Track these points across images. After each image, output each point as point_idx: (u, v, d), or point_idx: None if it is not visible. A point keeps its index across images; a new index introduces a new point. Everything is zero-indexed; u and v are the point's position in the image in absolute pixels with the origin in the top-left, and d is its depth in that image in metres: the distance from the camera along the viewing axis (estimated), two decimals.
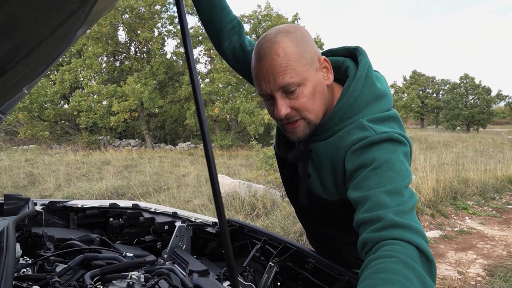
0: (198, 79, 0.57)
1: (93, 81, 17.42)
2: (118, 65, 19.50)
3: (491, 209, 6.24)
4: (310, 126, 1.02)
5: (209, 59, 19.69)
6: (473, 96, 31.50)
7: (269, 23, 18.01)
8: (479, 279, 3.70)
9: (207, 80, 17.86)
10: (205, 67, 20.07)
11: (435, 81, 38.19)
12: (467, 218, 5.75)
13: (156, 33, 17.92)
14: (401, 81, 43.10)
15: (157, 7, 17.51)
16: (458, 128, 31.01)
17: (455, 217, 5.76)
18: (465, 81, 32.15)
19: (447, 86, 35.39)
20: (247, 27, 18.72)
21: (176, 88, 18.00)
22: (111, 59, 19.52)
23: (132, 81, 15.71)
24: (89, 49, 16.85)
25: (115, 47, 17.87)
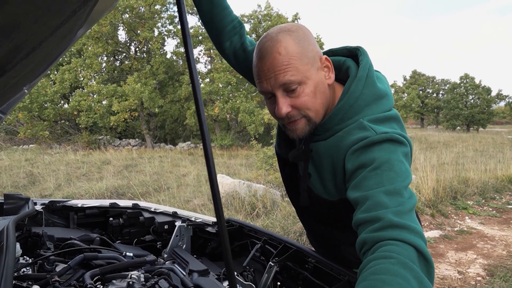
0: (198, 79, 0.57)
1: (93, 80, 17.42)
2: (118, 64, 19.50)
3: (491, 209, 6.24)
4: (310, 124, 1.02)
5: (209, 58, 19.70)
6: (473, 96, 31.50)
7: (269, 23, 18.01)
8: (479, 279, 3.70)
9: (207, 80, 17.86)
10: (205, 67, 20.10)
11: (435, 81, 38.18)
12: (467, 218, 5.75)
13: (156, 33, 17.91)
14: (401, 81, 43.11)
15: (157, 7, 17.51)
16: (458, 128, 31.01)
17: (455, 217, 5.76)
18: (465, 81, 32.15)
19: (447, 86, 35.39)
20: (247, 27, 18.71)
21: (176, 87, 18.00)
22: (111, 59, 19.52)
23: (132, 80, 15.71)
24: (89, 48, 16.85)
25: (115, 46, 17.86)
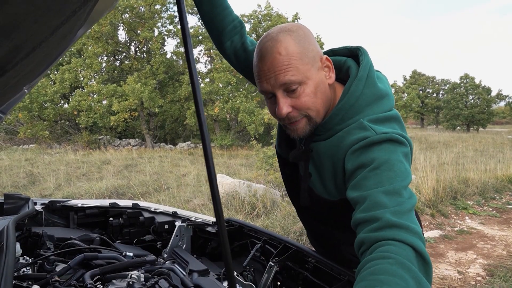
0: (198, 78, 0.57)
1: (93, 80, 17.41)
2: (118, 64, 19.49)
3: (491, 209, 6.24)
4: (311, 124, 1.02)
5: (209, 58, 19.69)
6: (473, 96, 31.49)
7: (269, 22, 18.00)
8: (479, 279, 3.70)
9: (207, 79, 17.85)
10: (205, 67, 20.09)
11: (435, 81, 38.17)
12: (467, 218, 5.75)
13: (156, 33, 17.91)
14: (401, 81, 43.05)
15: (157, 7, 17.51)
16: (458, 128, 31.01)
17: (455, 217, 5.76)
18: (465, 81, 32.14)
19: (447, 86, 35.38)
20: (247, 27, 18.69)
21: (176, 87, 17.99)
22: (111, 59, 19.51)
23: (132, 80, 15.70)
24: (89, 48, 16.84)
25: (115, 46, 17.86)
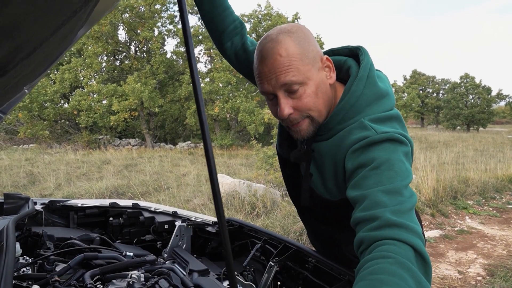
0: (199, 79, 0.57)
1: (93, 80, 17.41)
2: (118, 64, 19.48)
3: (491, 209, 6.24)
4: (314, 124, 1.02)
5: (209, 58, 19.68)
6: (474, 95, 31.48)
7: (269, 22, 17.99)
8: (479, 278, 3.70)
9: (207, 79, 17.85)
10: (205, 67, 20.08)
11: (435, 80, 38.18)
12: (467, 217, 5.75)
13: (156, 33, 17.90)
14: (401, 80, 43.07)
15: (157, 6, 17.50)
16: (458, 127, 31.01)
17: (455, 217, 5.76)
18: (465, 81, 32.13)
19: (447, 85, 35.37)
20: (247, 27, 18.64)
21: (176, 87, 17.99)
22: (111, 59, 19.50)
23: (132, 80, 15.70)
24: (89, 48, 16.84)
25: (115, 46, 17.85)
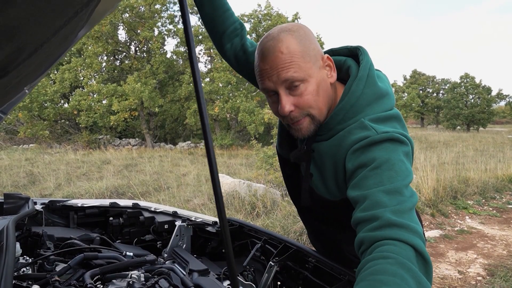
0: (200, 79, 0.56)
1: (93, 80, 17.41)
2: (118, 64, 19.48)
3: (491, 209, 6.23)
4: (315, 122, 1.01)
5: (209, 58, 19.68)
6: (474, 95, 31.47)
7: (269, 22, 17.99)
8: (480, 278, 3.70)
9: (207, 79, 17.85)
10: (205, 66, 20.08)
11: (435, 80, 38.17)
12: (467, 217, 5.75)
13: (156, 32, 17.90)
14: (401, 80, 43.08)
15: (157, 6, 17.50)
16: (458, 127, 31.00)
17: (455, 217, 5.76)
18: (465, 81, 32.12)
19: (447, 85, 35.36)
20: (247, 26, 18.69)
21: (176, 87, 17.99)
22: (111, 58, 19.50)
23: (132, 80, 15.70)
24: (89, 48, 16.84)
25: (115, 46, 17.85)
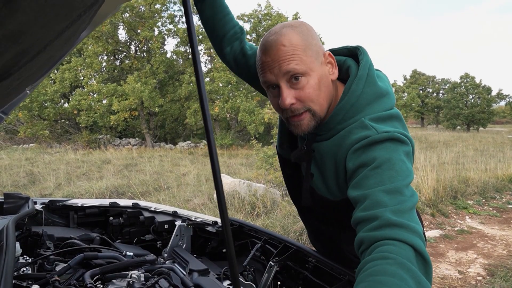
0: (203, 78, 0.56)
1: (93, 80, 17.40)
2: (118, 64, 19.47)
3: (491, 209, 6.23)
4: (315, 118, 1.01)
5: (209, 58, 19.69)
6: (474, 95, 31.46)
7: (269, 22, 18.00)
8: (480, 278, 3.70)
9: (207, 79, 17.85)
10: (205, 66, 20.07)
11: (435, 80, 38.16)
12: (467, 217, 5.75)
13: (156, 32, 17.90)
14: (401, 80, 43.09)
15: (157, 6, 17.50)
16: (458, 127, 30.99)
17: (455, 217, 5.76)
18: (465, 81, 32.10)
19: (448, 85, 35.35)
20: (247, 26, 18.71)
21: (176, 87, 17.99)
22: (111, 58, 19.49)
23: (132, 80, 15.70)
24: (89, 48, 16.84)
25: (115, 46, 17.84)
